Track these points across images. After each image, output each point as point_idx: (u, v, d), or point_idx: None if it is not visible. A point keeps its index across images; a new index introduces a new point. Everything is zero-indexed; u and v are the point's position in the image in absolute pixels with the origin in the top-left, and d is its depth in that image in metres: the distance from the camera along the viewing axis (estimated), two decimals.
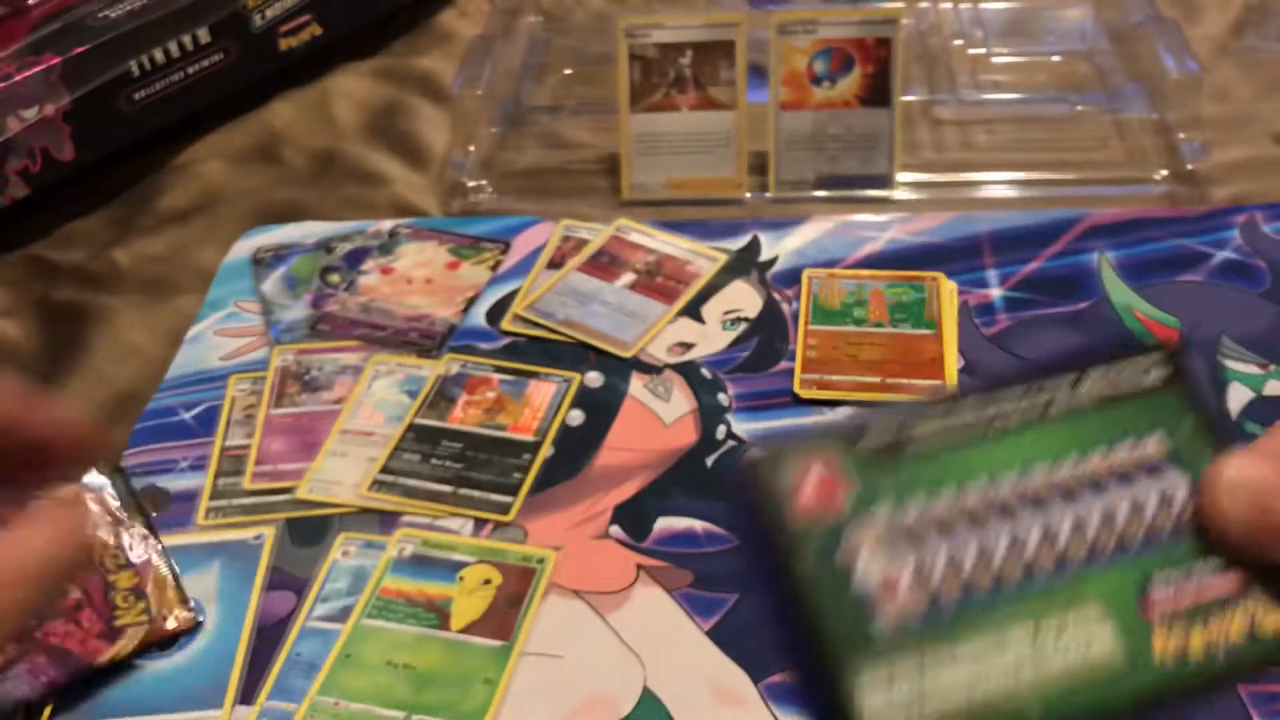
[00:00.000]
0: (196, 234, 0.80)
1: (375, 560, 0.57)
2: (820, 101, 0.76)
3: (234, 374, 0.68)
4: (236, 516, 0.60)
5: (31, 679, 0.51)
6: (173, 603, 0.54)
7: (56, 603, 0.53)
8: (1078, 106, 0.83)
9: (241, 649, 0.54)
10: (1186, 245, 0.71)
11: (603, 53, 0.91)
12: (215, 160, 0.87)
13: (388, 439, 0.63)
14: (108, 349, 0.71)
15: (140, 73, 0.82)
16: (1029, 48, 0.89)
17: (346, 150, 0.86)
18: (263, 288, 0.74)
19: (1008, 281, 0.70)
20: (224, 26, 0.85)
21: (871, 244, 0.73)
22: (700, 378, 0.66)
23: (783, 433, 0.28)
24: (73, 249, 0.80)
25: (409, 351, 0.69)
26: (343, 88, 0.93)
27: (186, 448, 0.64)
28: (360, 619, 0.55)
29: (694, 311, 0.70)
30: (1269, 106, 0.83)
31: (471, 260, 0.75)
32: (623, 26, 0.76)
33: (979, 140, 0.82)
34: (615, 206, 0.79)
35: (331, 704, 0.52)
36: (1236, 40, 0.89)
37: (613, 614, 0.55)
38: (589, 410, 0.64)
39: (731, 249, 0.74)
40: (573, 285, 0.72)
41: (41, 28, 0.81)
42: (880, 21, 0.75)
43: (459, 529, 0.59)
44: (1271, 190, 0.76)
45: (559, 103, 0.88)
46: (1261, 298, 0.68)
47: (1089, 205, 0.75)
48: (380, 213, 0.80)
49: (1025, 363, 0.30)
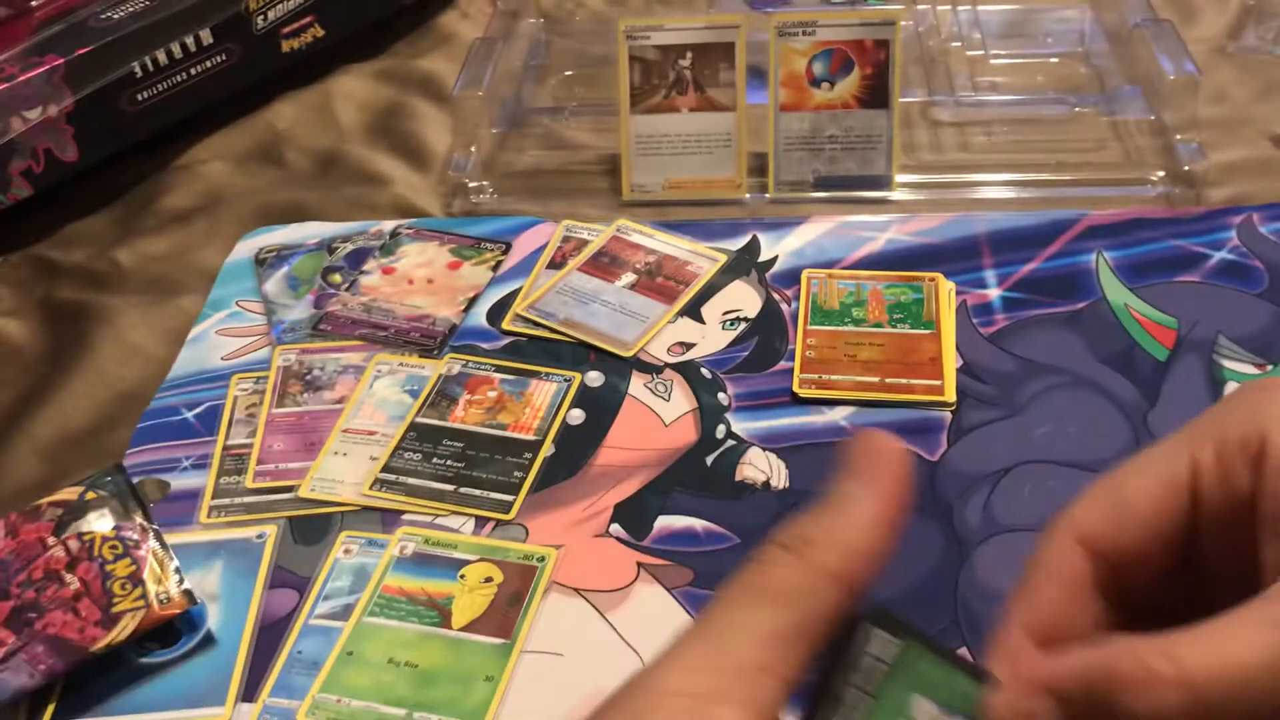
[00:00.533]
0: (199, 234, 0.80)
1: (377, 558, 0.58)
2: (819, 103, 0.77)
3: (236, 373, 0.68)
4: (239, 515, 0.61)
5: (31, 668, 0.52)
6: (169, 588, 0.54)
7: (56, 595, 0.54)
8: (1075, 108, 0.83)
9: (244, 647, 0.55)
10: (1184, 246, 0.71)
11: (603, 54, 0.91)
12: (218, 161, 0.87)
13: (389, 438, 0.64)
14: (110, 349, 0.71)
15: (143, 74, 0.82)
16: (1027, 49, 0.90)
17: (348, 151, 0.86)
18: (265, 288, 0.74)
19: (1006, 282, 0.70)
20: (226, 28, 0.86)
21: (870, 244, 0.73)
22: (700, 377, 0.66)
23: None
24: (75, 249, 0.80)
25: (410, 351, 0.69)
26: (344, 89, 0.93)
27: (189, 447, 0.64)
28: (362, 617, 0.55)
29: (694, 311, 0.70)
30: (1266, 108, 0.83)
31: (473, 260, 0.75)
32: (623, 28, 0.77)
33: (977, 141, 0.83)
34: (616, 207, 0.79)
35: (333, 701, 0.52)
36: (1233, 42, 0.90)
37: (613, 612, 0.55)
38: (589, 409, 0.65)
39: (731, 249, 0.74)
40: (573, 285, 0.72)
41: (45, 29, 0.81)
42: (879, 23, 0.75)
43: (460, 527, 0.59)
44: (1268, 191, 0.76)
45: (560, 104, 0.88)
46: (1258, 298, 0.68)
47: (1087, 206, 0.75)
48: (382, 213, 0.80)
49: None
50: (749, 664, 0.26)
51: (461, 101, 0.81)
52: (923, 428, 0.62)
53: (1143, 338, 0.66)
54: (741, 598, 0.27)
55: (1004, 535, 0.57)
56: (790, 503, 0.59)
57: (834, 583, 0.27)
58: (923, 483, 0.59)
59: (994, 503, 0.58)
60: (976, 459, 0.60)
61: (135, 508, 0.57)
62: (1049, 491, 0.58)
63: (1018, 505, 0.58)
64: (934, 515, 0.58)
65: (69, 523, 0.57)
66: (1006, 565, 0.55)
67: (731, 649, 0.26)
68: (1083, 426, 0.62)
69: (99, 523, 0.57)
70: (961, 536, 0.57)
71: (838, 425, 0.63)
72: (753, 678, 0.26)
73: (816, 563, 0.27)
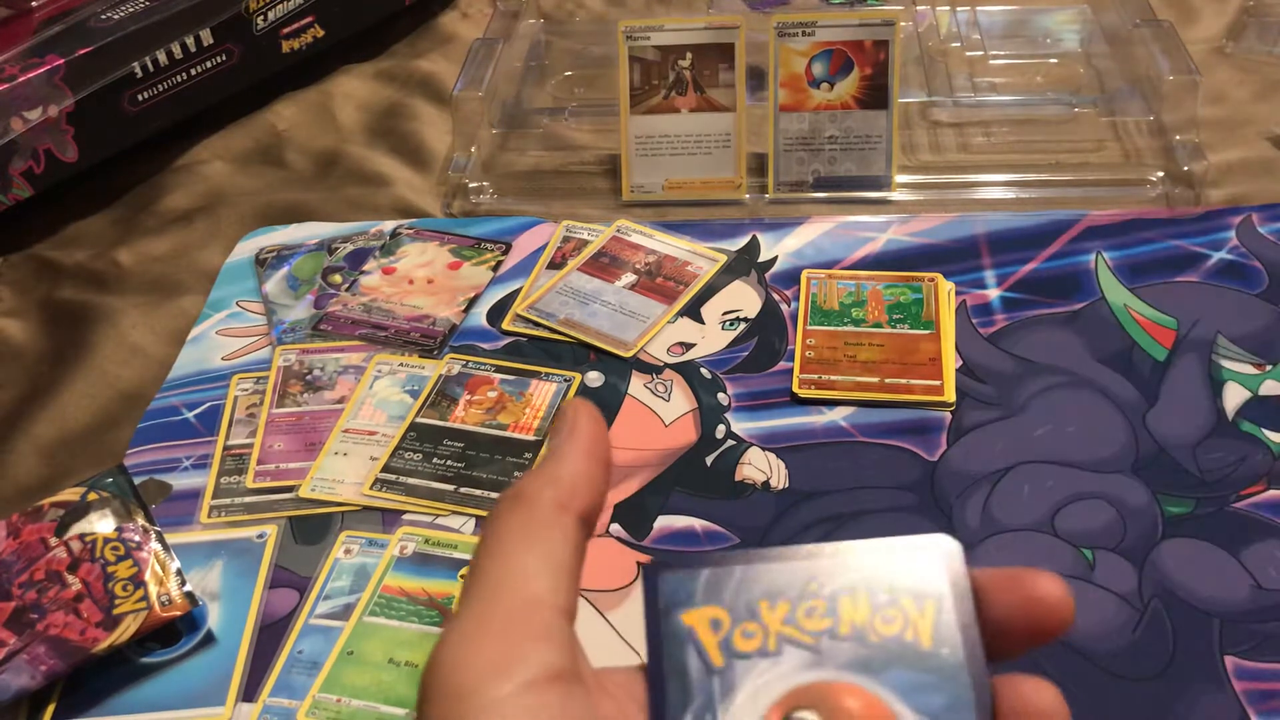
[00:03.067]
0: (199, 234, 0.80)
1: (377, 558, 0.58)
2: (819, 103, 0.77)
3: (236, 374, 0.68)
4: (239, 515, 0.61)
5: (32, 668, 0.52)
6: (170, 590, 0.54)
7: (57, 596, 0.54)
8: (1075, 108, 0.83)
9: (244, 646, 0.55)
10: (1183, 246, 0.72)
11: (603, 55, 0.91)
12: (218, 161, 0.87)
13: (389, 438, 0.64)
14: (111, 349, 0.71)
15: (143, 74, 0.82)
16: (1026, 50, 0.90)
17: (348, 151, 0.86)
18: (265, 288, 0.74)
19: (1005, 282, 0.70)
20: (226, 28, 0.86)
21: (870, 245, 0.73)
22: (700, 377, 0.66)
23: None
24: (76, 249, 0.80)
25: (411, 351, 0.69)
26: (345, 89, 0.93)
27: (189, 447, 0.65)
28: (362, 617, 0.55)
29: (694, 311, 0.70)
30: (1265, 108, 0.84)
31: (473, 260, 0.75)
32: (623, 29, 0.77)
33: (976, 142, 0.83)
34: (615, 207, 0.79)
35: (334, 701, 0.52)
36: (1233, 43, 0.90)
37: (613, 612, 0.55)
38: None
39: (731, 249, 0.74)
40: (573, 285, 0.72)
41: (45, 29, 0.82)
42: (878, 24, 0.76)
43: (460, 527, 0.59)
44: (1267, 191, 0.76)
45: (560, 104, 0.88)
46: (1257, 298, 0.68)
47: (1086, 206, 0.75)
48: (382, 214, 0.81)
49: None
50: (528, 605, 0.29)
51: (461, 102, 0.81)
52: (922, 428, 0.62)
53: (1142, 338, 0.66)
54: (497, 550, 0.30)
55: (1004, 535, 0.57)
56: (790, 503, 0.59)
57: (565, 513, 0.30)
58: (923, 483, 0.60)
59: (993, 503, 0.58)
60: (976, 459, 0.61)
61: (137, 509, 0.57)
62: (1048, 491, 0.58)
63: (1017, 505, 0.58)
64: (934, 515, 0.58)
65: (71, 523, 0.57)
66: (1006, 565, 0.55)
67: (508, 601, 0.29)
68: (1082, 426, 0.62)
69: (101, 524, 0.57)
70: (961, 536, 0.57)
71: (838, 425, 0.63)
72: (534, 615, 0.28)
73: (544, 501, 0.30)
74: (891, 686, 0.28)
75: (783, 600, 0.29)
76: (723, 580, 0.29)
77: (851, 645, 0.28)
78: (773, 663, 0.28)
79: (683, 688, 0.28)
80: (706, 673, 0.28)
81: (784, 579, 0.29)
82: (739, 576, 0.29)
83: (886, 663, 0.28)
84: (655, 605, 0.30)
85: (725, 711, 0.28)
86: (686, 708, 0.28)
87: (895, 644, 0.28)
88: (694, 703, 0.28)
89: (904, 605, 0.29)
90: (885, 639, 0.28)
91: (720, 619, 0.29)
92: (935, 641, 0.28)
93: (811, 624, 0.29)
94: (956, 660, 0.28)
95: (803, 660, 0.28)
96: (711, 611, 0.29)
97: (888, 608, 0.29)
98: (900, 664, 0.28)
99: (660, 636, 0.29)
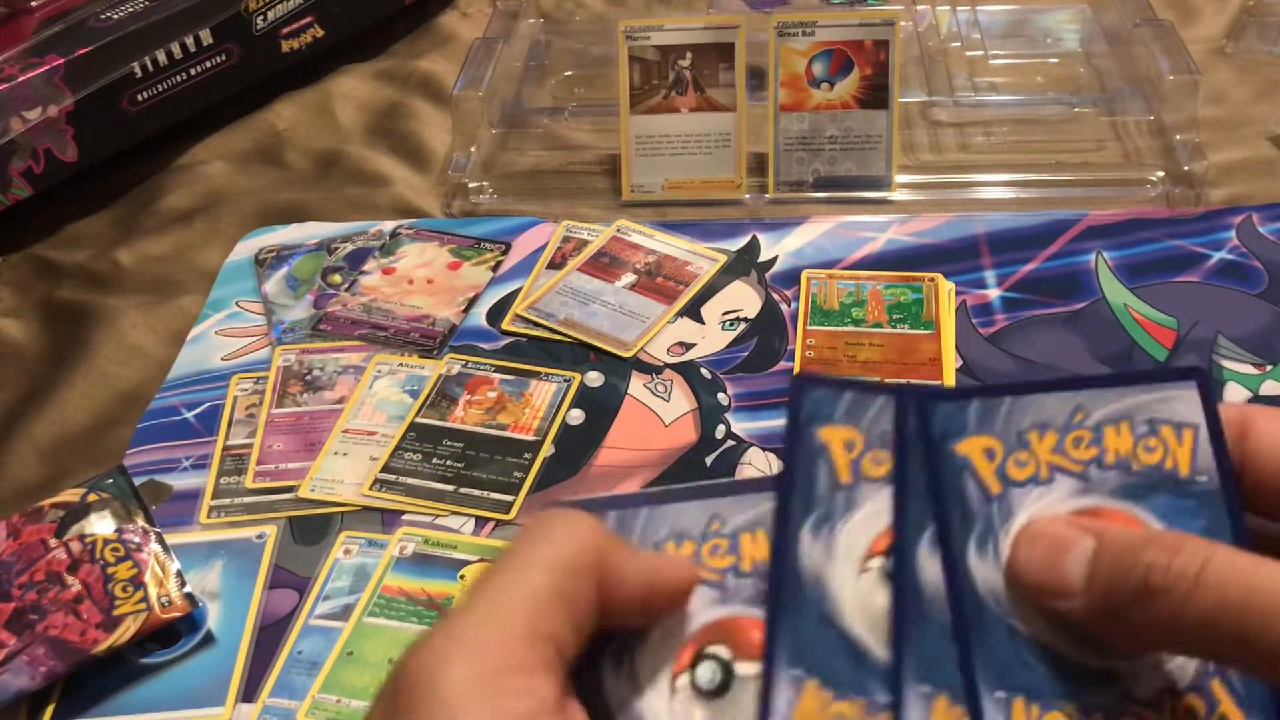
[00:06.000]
0: (199, 234, 0.80)
1: (377, 559, 0.58)
2: (819, 103, 0.77)
3: (236, 374, 0.68)
4: (239, 515, 0.61)
5: (32, 669, 0.52)
6: (170, 591, 0.54)
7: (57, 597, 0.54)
8: (1075, 108, 0.83)
9: (244, 647, 0.55)
10: (1183, 246, 0.72)
11: (603, 55, 0.91)
12: (217, 161, 0.87)
13: (389, 438, 0.64)
14: (111, 349, 0.71)
15: (143, 74, 0.82)
16: (1026, 50, 0.90)
17: (348, 151, 0.86)
18: (265, 288, 0.74)
19: (1005, 282, 0.70)
20: (226, 28, 0.86)
21: (870, 245, 0.73)
22: (700, 377, 0.66)
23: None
24: (76, 249, 0.80)
25: (410, 351, 0.69)
26: (344, 89, 0.93)
27: (189, 447, 0.65)
28: (362, 617, 0.55)
29: (694, 311, 0.70)
30: (1265, 108, 0.83)
31: (472, 260, 0.75)
32: (623, 29, 0.77)
33: (977, 142, 0.83)
34: (615, 207, 0.79)
35: (333, 702, 0.52)
36: (1233, 42, 0.90)
37: None
38: (589, 410, 0.65)
39: (731, 249, 0.74)
40: (573, 285, 0.72)
41: (45, 29, 0.82)
42: (878, 23, 0.76)
43: (460, 528, 0.59)
44: (1268, 191, 0.76)
45: (560, 104, 0.88)
46: (1258, 298, 0.68)
47: (1086, 206, 0.75)
48: (382, 213, 0.81)
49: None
50: (528, 630, 0.27)
51: (461, 101, 0.81)
52: None
53: (1142, 338, 0.66)
54: (508, 566, 0.28)
55: None
56: None
57: (595, 573, 0.29)
58: None
59: None
60: None
61: (137, 510, 0.57)
62: None
63: None
64: None
65: (71, 524, 0.57)
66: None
67: (508, 619, 0.27)
68: None
69: (101, 525, 0.57)
70: None
71: None
72: (534, 643, 0.27)
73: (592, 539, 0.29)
74: (1154, 511, 0.30)
75: (1050, 430, 0.30)
76: (993, 411, 0.30)
77: (1117, 473, 0.30)
78: (1045, 489, 0.30)
79: (964, 515, 0.29)
80: (985, 499, 0.30)
81: (1049, 410, 0.30)
82: (1008, 407, 0.30)
83: (1149, 489, 0.30)
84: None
85: (1007, 535, 0.29)
86: (970, 533, 0.29)
87: (1156, 472, 0.30)
88: (975, 528, 0.29)
89: (1164, 435, 0.30)
90: (1147, 467, 0.30)
91: (994, 448, 0.30)
92: (1193, 470, 0.30)
93: (1079, 453, 0.30)
94: (1214, 487, 0.30)
95: (1073, 487, 0.30)
96: (984, 441, 0.30)
97: (1149, 437, 0.30)
98: (1162, 490, 0.30)
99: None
